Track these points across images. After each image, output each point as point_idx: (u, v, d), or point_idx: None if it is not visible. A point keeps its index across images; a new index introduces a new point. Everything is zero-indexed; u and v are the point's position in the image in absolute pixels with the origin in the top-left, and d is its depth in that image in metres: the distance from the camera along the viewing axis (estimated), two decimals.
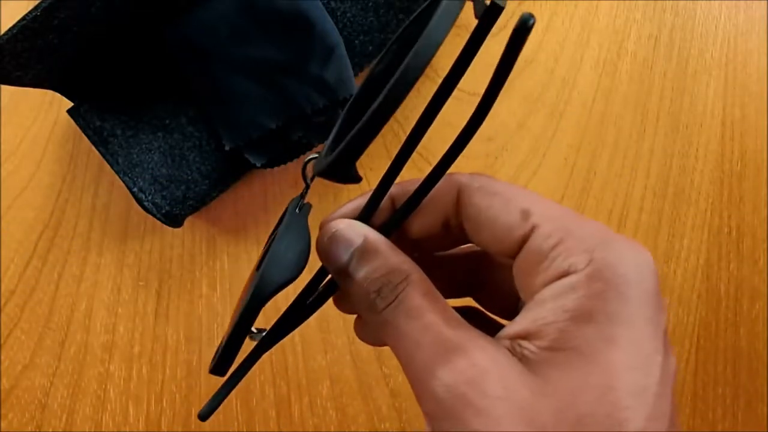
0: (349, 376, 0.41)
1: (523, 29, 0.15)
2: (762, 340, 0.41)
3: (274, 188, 0.42)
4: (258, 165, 0.38)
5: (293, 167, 0.40)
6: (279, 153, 0.38)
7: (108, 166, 0.39)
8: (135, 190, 0.38)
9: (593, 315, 0.16)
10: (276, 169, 0.40)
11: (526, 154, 0.42)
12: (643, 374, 0.16)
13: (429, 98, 0.17)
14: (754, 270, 0.42)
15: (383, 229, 0.20)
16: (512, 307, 0.23)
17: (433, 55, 0.16)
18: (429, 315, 0.18)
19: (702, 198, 0.42)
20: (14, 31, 0.31)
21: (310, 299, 0.21)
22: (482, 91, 0.17)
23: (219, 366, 0.20)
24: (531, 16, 0.15)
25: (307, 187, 0.24)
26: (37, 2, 0.31)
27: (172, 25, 0.36)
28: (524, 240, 0.18)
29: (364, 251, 0.19)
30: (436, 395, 0.17)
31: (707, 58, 0.43)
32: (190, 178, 0.38)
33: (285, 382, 0.41)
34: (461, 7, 0.16)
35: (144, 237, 0.41)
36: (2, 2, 0.41)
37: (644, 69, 0.43)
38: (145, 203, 0.38)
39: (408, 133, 0.18)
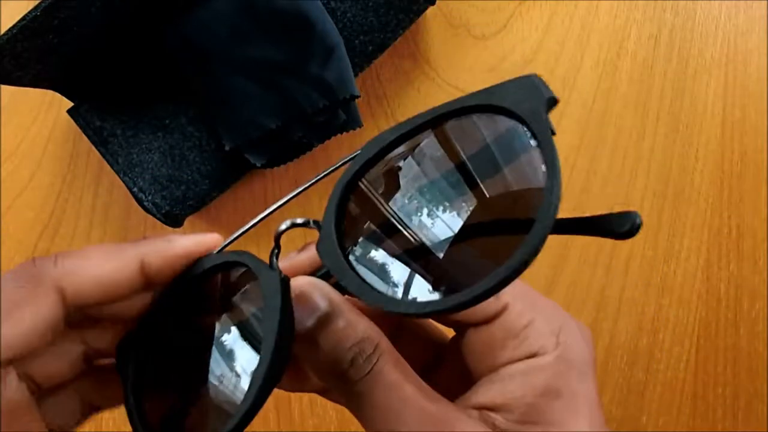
0: None
1: (631, 232, 0.15)
2: (762, 340, 0.41)
3: (274, 188, 0.42)
4: (258, 165, 0.38)
5: (293, 167, 0.40)
6: (279, 153, 0.38)
7: (108, 166, 0.39)
8: (135, 190, 0.38)
9: (561, 392, 0.18)
10: (276, 169, 0.40)
11: None
12: None
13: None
14: (754, 270, 0.42)
15: (339, 287, 0.18)
16: (423, 365, 0.23)
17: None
18: (407, 387, 0.18)
19: (702, 198, 0.42)
20: (14, 31, 0.31)
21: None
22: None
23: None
24: (638, 216, 0.15)
25: (278, 248, 0.19)
26: (37, 2, 0.31)
27: (172, 25, 0.36)
28: (495, 315, 0.20)
29: (331, 316, 0.18)
30: None
31: (707, 58, 0.43)
32: (190, 178, 0.38)
33: None
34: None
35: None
36: (2, 2, 0.41)
37: (644, 69, 0.43)
38: (145, 203, 0.38)
39: None
